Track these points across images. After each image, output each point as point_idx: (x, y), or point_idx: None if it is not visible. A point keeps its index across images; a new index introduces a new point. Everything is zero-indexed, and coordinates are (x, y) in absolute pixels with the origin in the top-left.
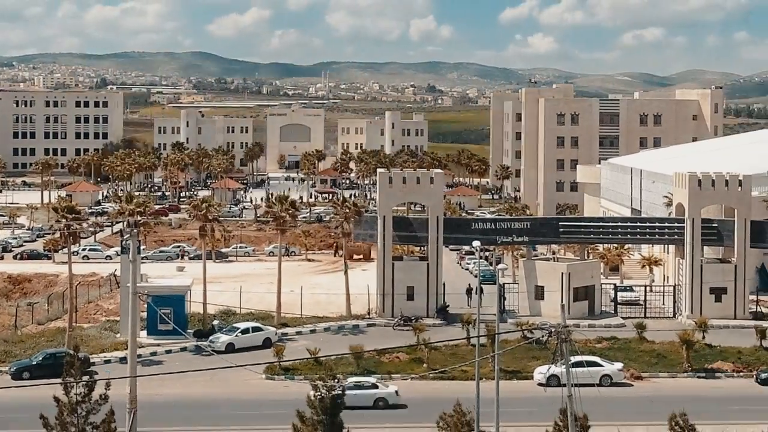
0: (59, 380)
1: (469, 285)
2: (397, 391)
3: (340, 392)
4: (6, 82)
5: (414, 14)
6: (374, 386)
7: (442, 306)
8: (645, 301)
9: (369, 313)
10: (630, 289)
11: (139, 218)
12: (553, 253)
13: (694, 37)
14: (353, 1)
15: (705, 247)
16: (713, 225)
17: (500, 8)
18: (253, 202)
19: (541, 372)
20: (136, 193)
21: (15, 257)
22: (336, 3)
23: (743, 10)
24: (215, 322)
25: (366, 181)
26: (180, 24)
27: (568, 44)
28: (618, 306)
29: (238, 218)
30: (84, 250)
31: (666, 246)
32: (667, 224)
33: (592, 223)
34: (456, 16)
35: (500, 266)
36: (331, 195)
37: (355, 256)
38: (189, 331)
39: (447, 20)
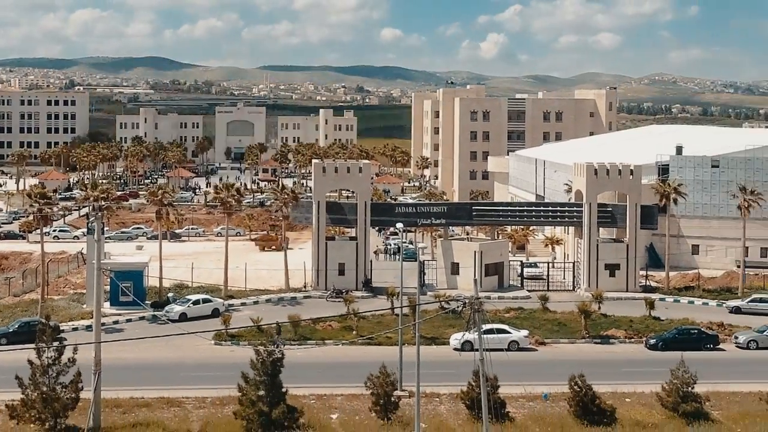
0: (33, 346)
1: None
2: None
3: (279, 356)
4: None
5: (348, 24)
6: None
7: (366, 279)
8: (548, 275)
9: (305, 287)
10: (535, 265)
11: (102, 203)
12: (467, 233)
13: (592, 44)
14: (289, 17)
15: (600, 229)
16: (608, 209)
17: (421, 20)
18: (203, 189)
19: (456, 338)
20: (101, 181)
21: None
22: (276, 16)
23: (634, 24)
24: (170, 295)
25: (303, 171)
26: (138, 32)
27: (481, 51)
28: (524, 280)
29: (190, 203)
30: (55, 231)
31: (566, 227)
32: (567, 208)
33: (501, 208)
34: (384, 25)
35: (420, 245)
36: (271, 183)
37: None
38: (147, 302)
39: (377, 29)
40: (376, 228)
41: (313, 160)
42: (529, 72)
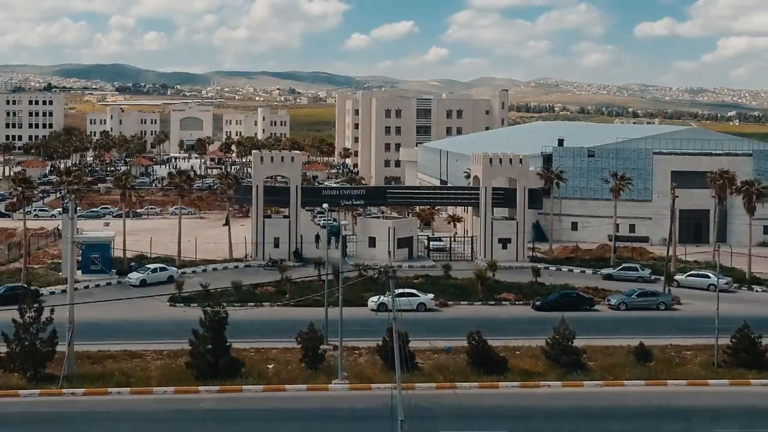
0: (16, 307)
1: (317, 234)
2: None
3: (224, 316)
4: None
5: (284, 36)
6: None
7: (296, 250)
8: (450, 248)
9: (246, 257)
10: (439, 239)
11: (75, 187)
12: (382, 212)
13: (489, 54)
14: (234, 29)
15: (495, 208)
16: (501, 192)
17: (343, 33)
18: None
19: (373, 301)
20: (73, 169)
21: None
22: (233, 23)
23: (526, 32)
24: (132, 264)
25: (244, 160)
26: (108, 40)
27: (394, 57)
28: (430, 252)
29: (148, 187)
30: (35, 210)
31: (466, 207)
32: (466, 191)
33: (411, 191)
34: (313, 38)
35: (342, 222)
36: (217, 169)
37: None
38: (113, 270)
39: (308, 41)
40: (305, 208)
41: (253, 151)
42: (435, 76)
